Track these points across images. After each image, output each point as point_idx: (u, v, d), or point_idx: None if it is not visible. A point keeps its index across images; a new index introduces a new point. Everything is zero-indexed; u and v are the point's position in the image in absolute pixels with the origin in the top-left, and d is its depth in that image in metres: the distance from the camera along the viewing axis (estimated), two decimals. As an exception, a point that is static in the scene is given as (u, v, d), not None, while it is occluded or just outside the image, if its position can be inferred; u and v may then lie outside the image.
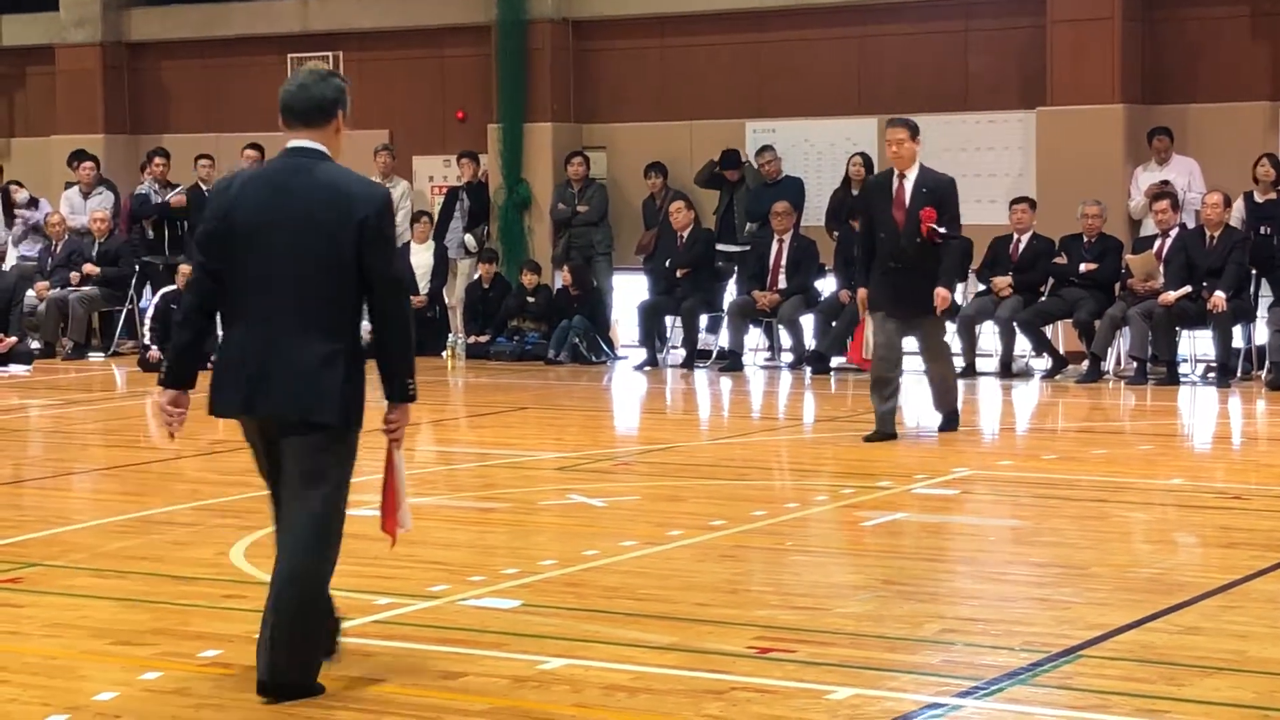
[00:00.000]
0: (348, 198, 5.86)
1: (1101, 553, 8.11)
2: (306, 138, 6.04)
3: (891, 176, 11.90)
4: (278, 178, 5.97)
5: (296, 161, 5.99)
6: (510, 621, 6.80)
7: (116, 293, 18.94)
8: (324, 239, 5.82)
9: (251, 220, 5.88)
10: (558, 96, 18.97)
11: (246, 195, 5.94)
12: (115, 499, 10.01)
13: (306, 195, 5.87)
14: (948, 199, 11.86)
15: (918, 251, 11.64)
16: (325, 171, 5.95)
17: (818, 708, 5.59)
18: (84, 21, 21.17)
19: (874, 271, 11.80)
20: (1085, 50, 16.62)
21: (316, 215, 5.83)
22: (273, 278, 5.85)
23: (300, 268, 5.82)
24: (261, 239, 5.85)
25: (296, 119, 6.09)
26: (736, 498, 9.72)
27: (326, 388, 5.82)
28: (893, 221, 11.72)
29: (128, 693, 5.84)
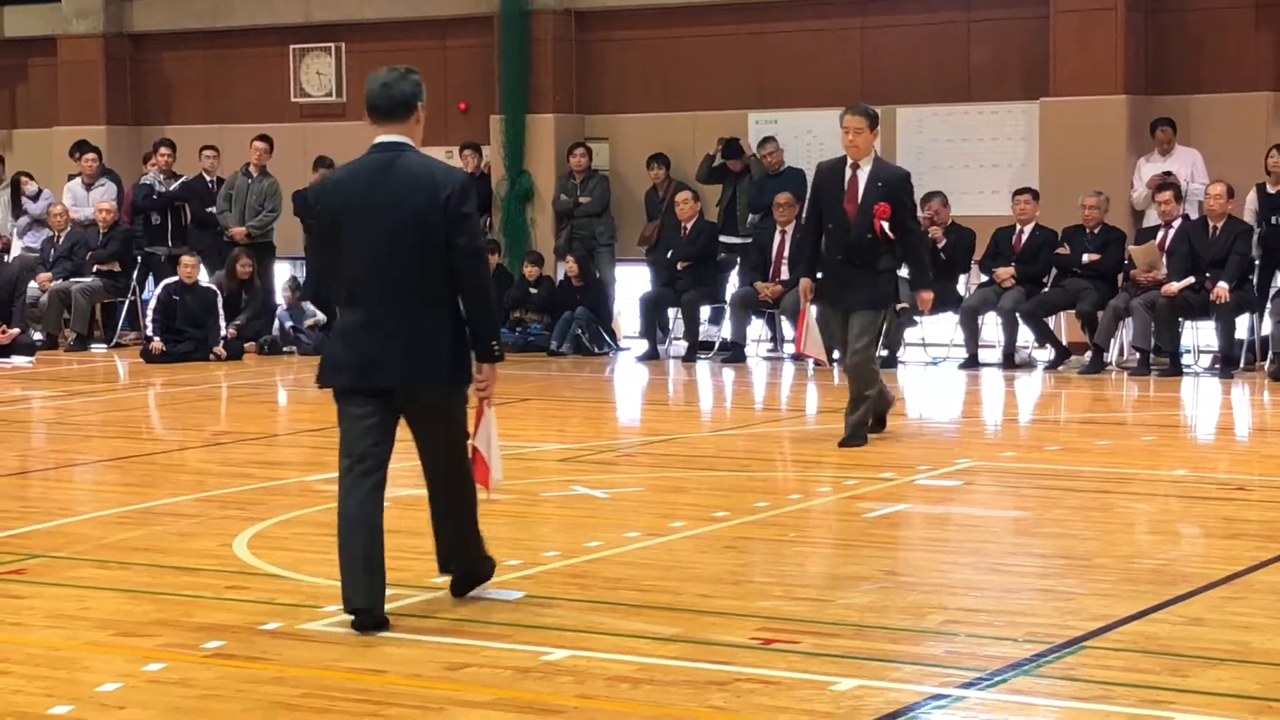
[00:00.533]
0: (432, 182, 6.59)
1: (1105, 544, 8.11)
2: (392, 132, 6.72)
3: (844, 166, 11.19)
4: (370, 173, 6.67)
5: (385, 156, 6.68)
6: (514, 613, 6.80)
7: (119, 284, 18.94)
8: (416, 221, 6.55)
9: (353, 212, 6.61)
10: (560, 88, 18.96)
11: (345, 190, 6.68)
12: (118, 490, 10.02)
13: (398, 184, 6.58)
14: (903, 194, 11.18)
15: (868, 247, 11.00)
16: (411, 161, 6.66)
17: (821, 699, 5.59)
18: (86, 13, 21.17)
19: (824, 264, 11.22)
20: (1088, 41, 16.60)
21: (408, 201, 6.56)
22: (377, 260, 6.57)
23: (399, 249, 6.55)
24: (363, 227, 6.58)
25: (382, 115, 6.74)
26: (739, 489, 9.72)
27: (435, 356, 6.60)
28: (843, 214, 11.05)
29: (131, 684, 5.84)
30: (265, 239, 18.67)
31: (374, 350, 6.60)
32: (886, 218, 10.99)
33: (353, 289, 6.65)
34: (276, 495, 9.64)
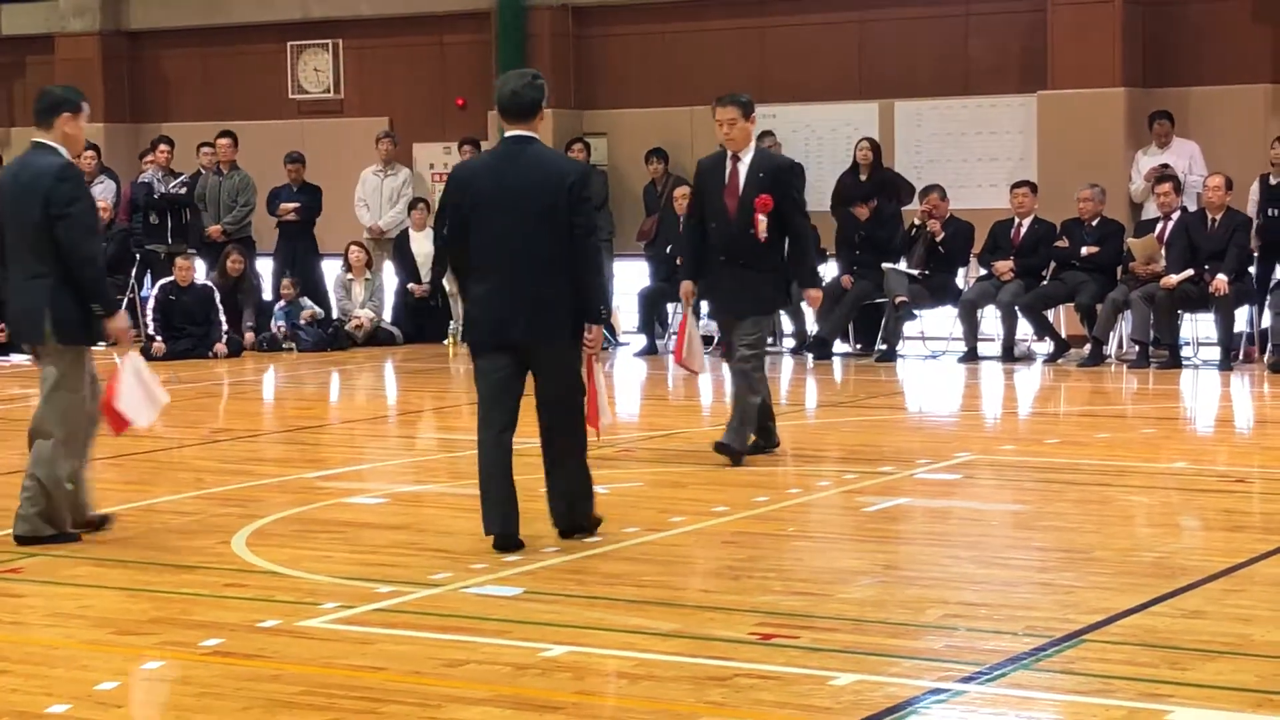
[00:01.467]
0: (559, 171, 7.90)
1: (1104, 537, 8.10)
2: (522, 129, 8.00)
3: (725, 159, 10.41)
4: (505, 161, 7.94)
5: (517, 147, 7.95)
6: (513, 609, 6.79)
7: (117, 281, 18.92)
8: (544, 203, 7.79)
9: (490, 193, 7.86)
10: (558, 83, 18.92)
11: (483, 175, 7.97)
12: (117, 488, 10.00)
13: (528, 171, 7.86)
14: (787, 184, 10.31)
15: (751, 243, 10.21)
16: (538, 152, 7.98)
17: (821, 693, 5.58)
18: (83, 10, 21.16)
19: (707, 264, 10.40)
20: (1086, 33, 16.59)
21: (538, 186, 7.82)
22: (511, 235, 7.80)
23: (529, 226, 7.79)
24: (499, 207, 7.82)
25: (513, 116, 8.01)
26: (739, 484, 9.71)
27: (560, 316, 7.85)
28: (724, 209, 10.25)
29: (129, 682, 5.84)
30: (243, 234, 18.66)
31: (507, 311, 7.78)
32: (767, 211, 10.17)
33: (489, 259, 7.84)
34: (275, 493, 9.63)
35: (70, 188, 8.11)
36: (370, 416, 13.57)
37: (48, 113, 8.29)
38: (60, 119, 8.25)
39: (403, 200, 18.94)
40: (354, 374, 16.29)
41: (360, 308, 18.32)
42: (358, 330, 18.14)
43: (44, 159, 8.20)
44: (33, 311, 8.18)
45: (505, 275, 7.82)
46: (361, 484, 9.98)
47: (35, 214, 8.08)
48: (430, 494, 9.53)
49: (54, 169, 8.13)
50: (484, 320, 7.88)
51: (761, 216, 10.17)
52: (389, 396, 15.38)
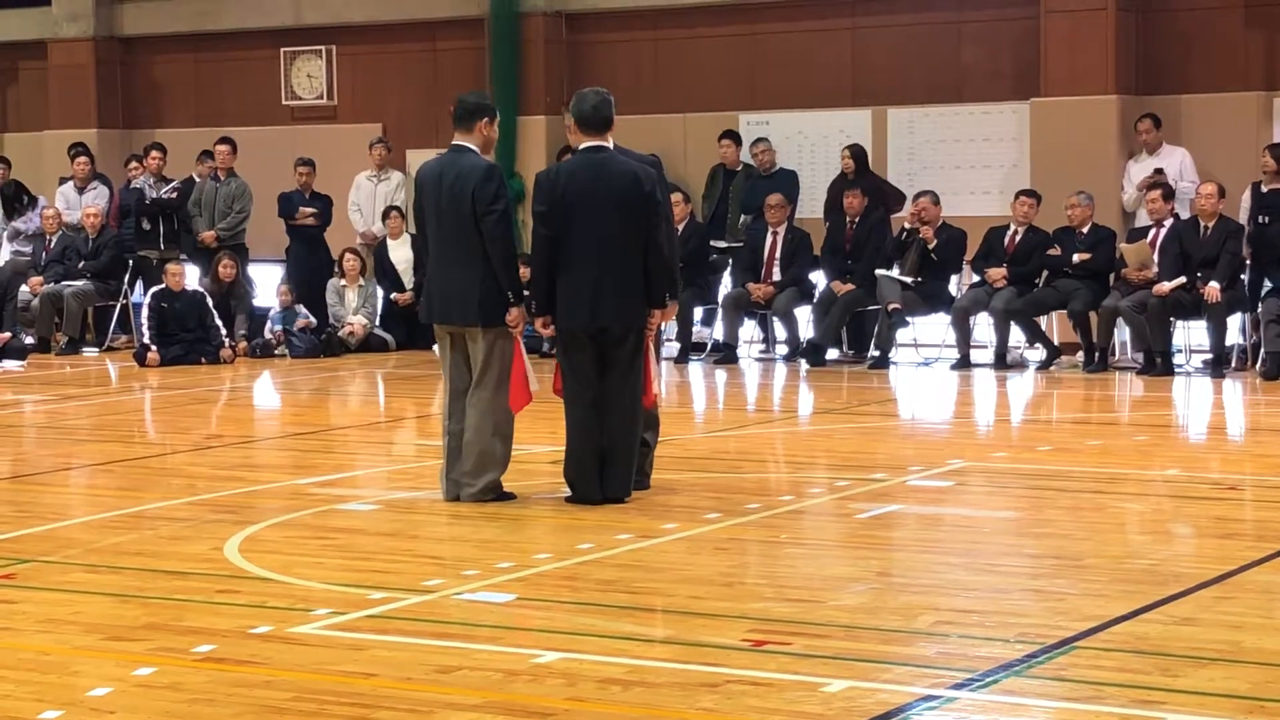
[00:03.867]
0: (636, 177, 9.04)
1: (1096, 544, 8.11)
2: (597, 139, 9.15)
3: None
4: (588, 168, 9.09)
5: (597, 156, 9.13)
6: (504, 615, 6.79)
7: (110, 287, 18.93)
8: (624, 205, 8.99)
9: (577, 197, 9.03)
10: (551, 89, 18.95)
11: (571, 181, 9.08)
12: (109, 494, 10.00)
13: (610, 177, 9.04)
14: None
15: None
16: (615, 160, 9.13)
17: (812, 700, 5.58)
18: (77, 16, 21.15)
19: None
20: (1079, 41, 16.61)
21: (618, 190, 9.02)
22: (597, 234, 8.99)
23: (613, 226, 8.99)
24: (585, 209, 9.00)
25: (592, 129, 9.18)
26: (731, 490, 9.72)
27: (638, 302, 9.06)
28: None
29: (121, 688, 5.83)
30: (236, 241, 18.65)
31: (595, 298, 8.97)
32: None
33: (577, 254, 8.99)
34: (267, 499, 9.63)
35: (495, 187, 9.17)
36: (363, 423, 13.56)
37: (469, 117, 9.40)
38: (480, 123, 9.39)
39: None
40: (346, 380, 16.28)
41: (353, 314, 18.31)
42: (351, 337, 18.13)
43: (468, 159, 9.27)
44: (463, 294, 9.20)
45: (593, 268, 8.99)
46: (354, 490, 9.98)
47: (465, 209, 9.15)
48: (423, 500, 9.52)
49: (480, 170, 9.21)
50: (575, 304, 9.03)
51: None
52: (381, 403, 15.37)
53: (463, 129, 9.40)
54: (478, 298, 9.13)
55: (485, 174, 9.19)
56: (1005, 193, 16.70)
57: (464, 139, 9.38)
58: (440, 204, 9.27)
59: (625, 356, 9.07)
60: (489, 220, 9.11)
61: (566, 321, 9.07)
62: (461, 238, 9.19)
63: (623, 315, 9.03)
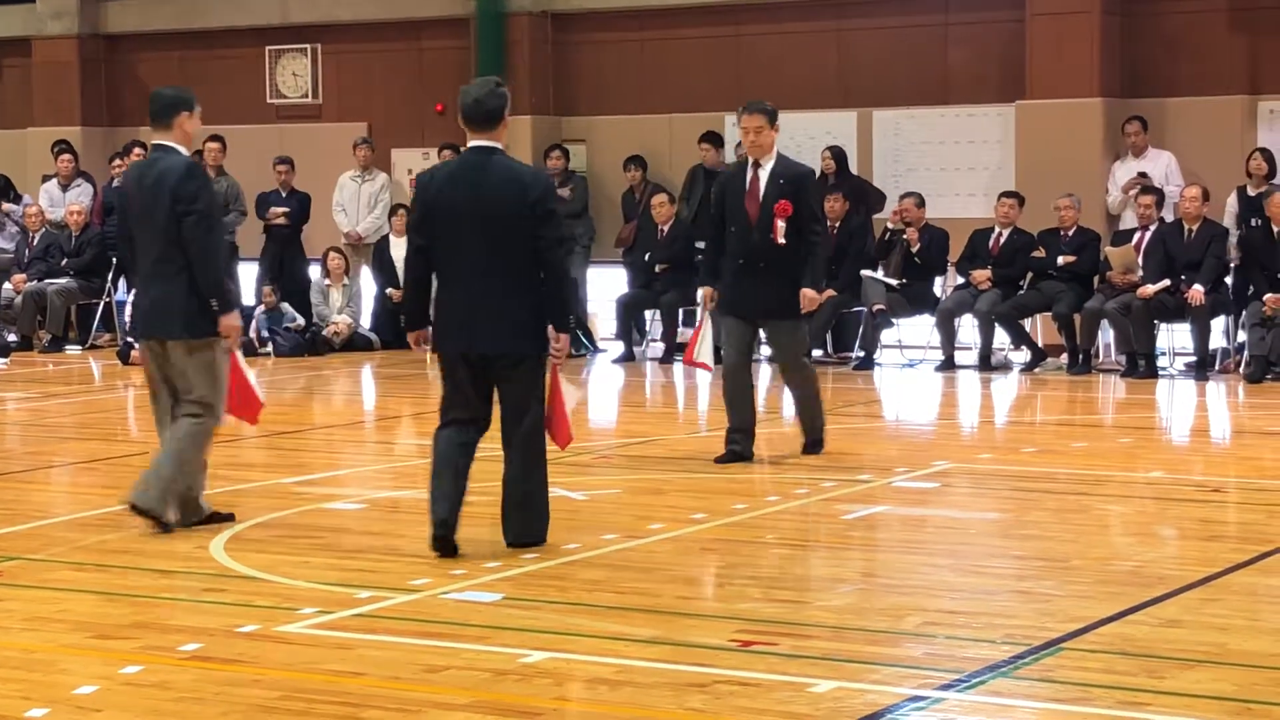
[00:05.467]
0: (521, 183, 7.86)
1: (1082, 546, 8.13)
2: (485, 138, 7.95)
3: (746, 166, 10.76)
4: (468, 171, 7.93)
5: (480, 157, 7.93)
6: (492, 615, 6.79)
7: (93, 285, 18.89)
8: (507, 215, 7.80)
9: (453, 204, 7.86)
10: (537, 89, 18.95)
11: (446, 186, 7.94)
12: (94, 492, 9.98)
13: (492, 183, 7.84)
14: (805, 191, 10.67)
15: (771, 248, 10.48)
16: (502, 163, 7.92)
17: (800, 700, 5.59)
18: (61, 13, 21.10)
19: (724, 270, 10.67)
20: (1064, 44, 16.64)
21: (500, 197, 7.81)
22: (474, 246, 7.82)
23: (492, 237, 7.81)
24: (461, 218, 7.83)
25: (476, 125, 7.96)
26: (717, 491, 9.72)
27: (523, 327, 7.85)
28: (745, 214, 10.53)
29: (108, 686, 5.82)
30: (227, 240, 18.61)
31: (472, 322, 7.82)
32: (786, 216, 10.46)
33: (453, 268, 7.89)
34: (252, 497, 9.61)
35: (196, 186, 8.45)
36: (348, 422, 13.55)
37: (165, 114, 8.58)
38: (179, 118, 8.58)
39: (380, 206, 18.93)
40: (332, 379, 16.26)
41: (338, 313, 18.30)
42: (335, 336, 18.11)
43: (168, 159, 8.50)
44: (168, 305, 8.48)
45: (469, 285, 7.85)
46: (340, 489, 9.97)
47: (163, 213, 8.41)
48: (408, 499, 9.51)
49: (179, 168, 8.46)
50: (450, 326, 7.92)
51: (780, 222, 10.46)
52: (367, 402, 15.36)
53: (161, 126, 8.58)
54: (181, 309, 8.41)
55: (185, 172, 8.42)
56: (990, 195, 16.72)
57: (163, 137, 8.58)
58: (141, 209, 8.53)
59: (519, 389, 7.92)
60: (188, 221, 8.34)
61: (440, 345, 8.03)
62: (163, 244, 8.42)
63: (505, 342, 7.86)
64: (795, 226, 10.50)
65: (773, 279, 10.49)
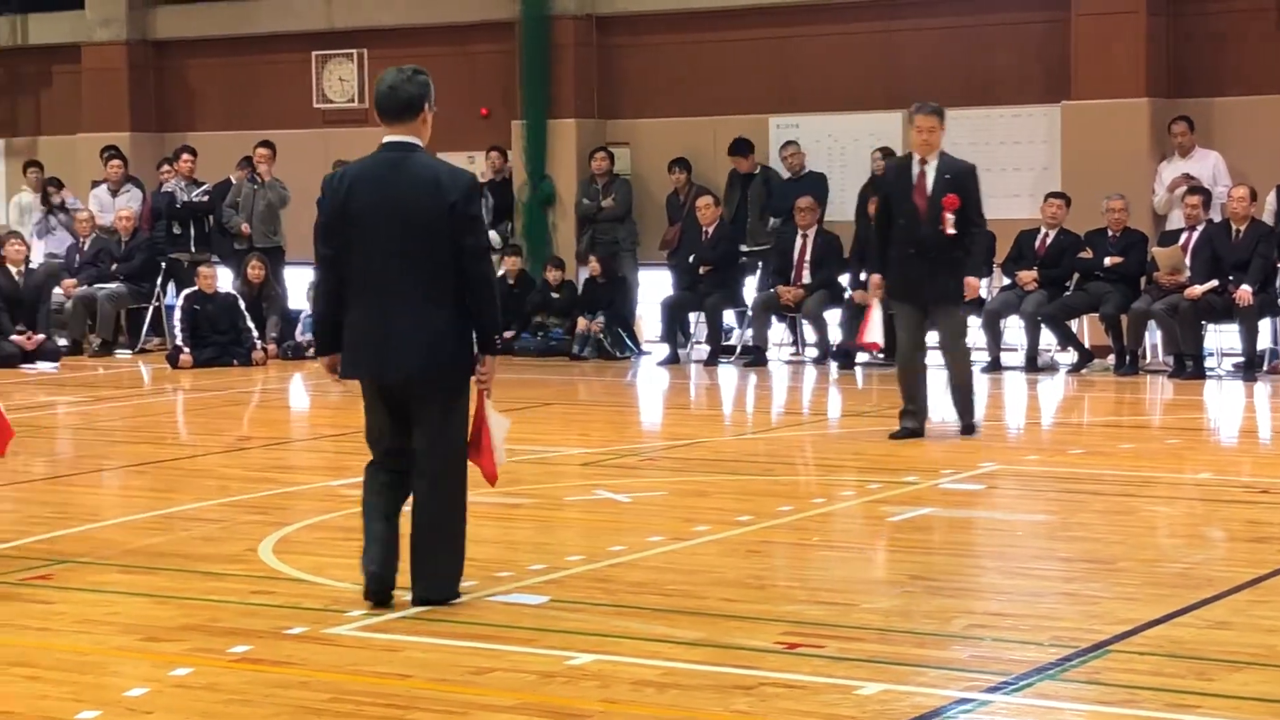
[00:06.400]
0: (438, 185, 6.84)
1: (1129, 547, 8.10)
2: (400, 133, 6.96)
3: (912, 162, 11.66)
4: (379, 171, 6.95)
5: (393, 155, 6.94)
6: (538, 617, 6.81)
7: (143, 289, 19.01)
8: (423, 221, 6.80)
9: (362, 210, 6.88)
10: (581, 92, 18.98)
11: (355, 189, 6.92)
12: (144, 495, 10.05)
13: (406, 185, 6.85)
14: (970, 187, 11.63)
15: (938, 239, 11.41)
16: (418, 162, 6.92)
17: (846, 703, 5.59)
18: (110, 20, 21.23)
19: (892, 259, 11.58)
20: (1110, 43, 16.57)
21: (415, 201, 6.83)
22: (386, 257, 6.83)
23: (407, 247, 6.81)
24: (372, 225, 6.85)
25: (390, 117, 6.99)
26: (762, 493, 9.72)
27: (441, 348, 6.84)
28: (913, 208, 11.47)
29: (158, 688, 5.86)
30: (275, 243, 18.74)
31: (384, 344, 6.85)
32: (954, 210, 11.40)
33: (363, 282, 6.89)
34: (300, 500, 9.66)
35: None
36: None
37: None
38: None
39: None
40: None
41: (384, 317, 18.34)
42: (382, 339, 18.15)
43: None
44: None
45: (381, 302, 6.85)
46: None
47: None
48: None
49: None
50: (359, 348, 6.93)
51: (949, 214, 11.40)
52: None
53: None
54: None
55: None
56: (1036, 196, 16.66)
57: None
58: None
59: (435, 417, 6.89)
60: None
61: (349, 371, 7.01)
62: None
63: (419, 366, 6.84)
64: (961, 219, 11.42)
65: (939, 268, 11.42)
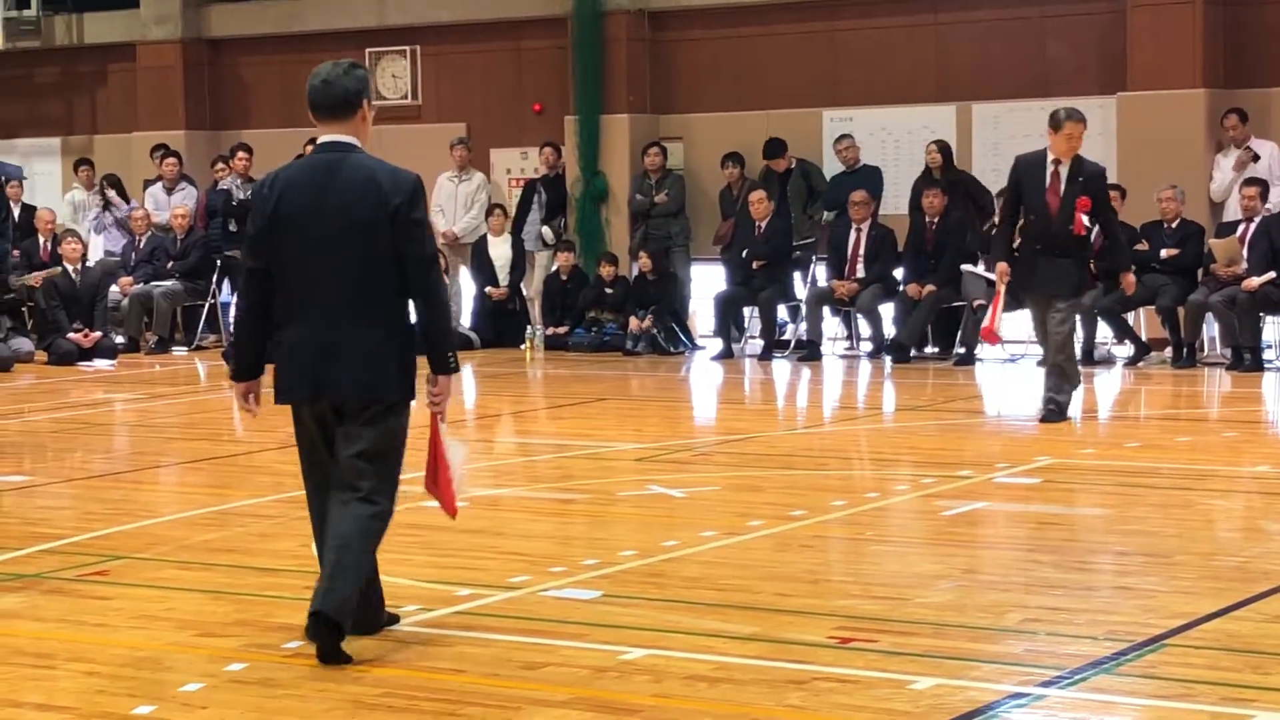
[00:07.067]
0: (378, 188, 6.16)
1: (1186, 541, 8.04)
2: (337, 131, 6.32)
3: (1045, 160, 12.12)
4: (313, 174, 6.26)
5: (329, 157, 6.28)
6: (591, 612, 6.81)
7: (199, 287, 19.12)
8: (362, 229, 6.15)
9: (294, 218, 6.20)
10: (634, 88, 18.97)
11: (286, 195, 6.24)
12: (199, 492, 10.10)
13: (342, 189, 6.18)
14: (1101, 188, 12.17)
15: (1067, 238, 11.83)
16: (356, 164, 6.24)
17: (900, 698, 5.57)
18: (164, 19, 21.36)
19: (1021, 252, 12.03)
20: (1165, 34, 16.46)
21: (353, 207, 6.16)
22: (320, 270, 6.18)
23: (344, 258, 6.16)
24: (305, 235, 6.18)
25: (325, 114, 6.35)
26: (816, 487, 9.70)
27: (382, 370, 6.21)
28: (1045, 207, 11.92)
29: (213, 684, 5.89)
30: None
31: (317, 364, 6.19)
32: (1087, 210, 11.85)
33: (295, 298, 6.22)
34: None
35: None
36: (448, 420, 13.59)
37: None
38: None
39: (477, 206, 19.02)
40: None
41: (438, 313, 18.41)
42: (436, 335, 18.22)
43: None
44: None
45: (315, 319, 6.21)
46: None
47: None
48: (508, 497, 9.56)
49: None
50: (291, 369, 6.26)
51: (1082, 215, 11.86)
52: (467, 400, 15.44)
53: None
54: None
55: None
56: (1091, 188, 16.54)
57: None
58: None
59: (367, 435, 6.27)
60: None
61: (280, 395, 6.34)
62: None
63: (355, 386, 6.20)
64: (1093, 219, 11.94)
65: (1067, 263, 11.87)
